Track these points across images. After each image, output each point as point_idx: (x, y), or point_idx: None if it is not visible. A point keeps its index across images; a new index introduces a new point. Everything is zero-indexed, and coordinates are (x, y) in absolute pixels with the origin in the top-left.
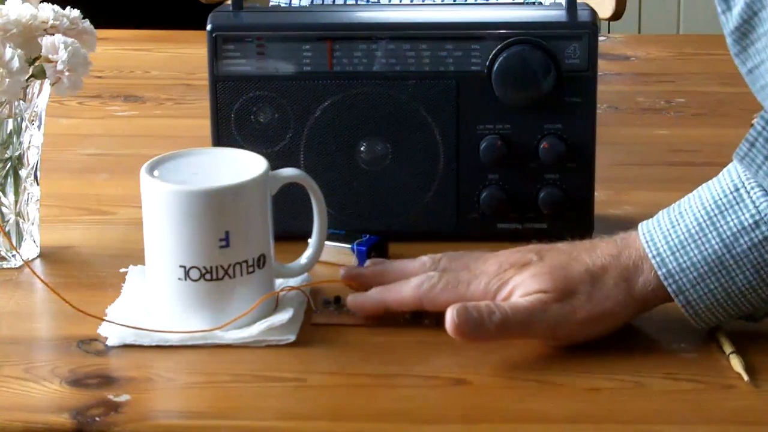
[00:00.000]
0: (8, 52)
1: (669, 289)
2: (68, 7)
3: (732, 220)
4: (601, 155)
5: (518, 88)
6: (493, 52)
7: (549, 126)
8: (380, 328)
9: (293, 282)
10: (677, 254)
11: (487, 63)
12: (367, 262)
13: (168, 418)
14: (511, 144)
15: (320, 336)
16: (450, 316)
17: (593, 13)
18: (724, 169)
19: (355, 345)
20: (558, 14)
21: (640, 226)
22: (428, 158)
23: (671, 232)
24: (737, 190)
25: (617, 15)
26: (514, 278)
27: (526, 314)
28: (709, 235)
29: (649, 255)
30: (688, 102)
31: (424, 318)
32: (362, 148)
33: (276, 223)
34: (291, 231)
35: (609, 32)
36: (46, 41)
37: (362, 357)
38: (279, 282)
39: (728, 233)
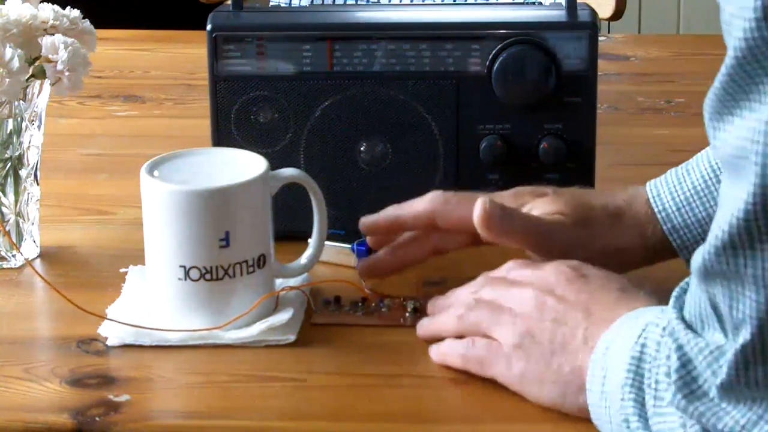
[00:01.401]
0: (8, 52)
1: (674, 244)
2: (68, 7)
3: None
4: (601, 155)
5: (518, 88)
6: (493, 52)
7: (549, 126)
8: (380, 328)
9: (293, 282)
10: (682, 210)
11: (487, 63)
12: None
13: (168, 418)
14: (511, 144)
15: (320, 336)
16: (480, 205)
17: (593, 13)
18: None
19: (355, 345)
20: (558, 14)
21: (647, 183)
22: (428, 158)
23: (677, 189)
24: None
25: (617, 15)
26: (531, 202)
27: (547, 226)
28: (715, 193)
29: (655, 210)
30: (688, 102)
31: (424, 318)
32: (362, 148)
33: (276, 223)
34: (291, 231)
35: (609, 32)
36: (46, 41)
37: (362, 357)
38: (279, 282)
39: None
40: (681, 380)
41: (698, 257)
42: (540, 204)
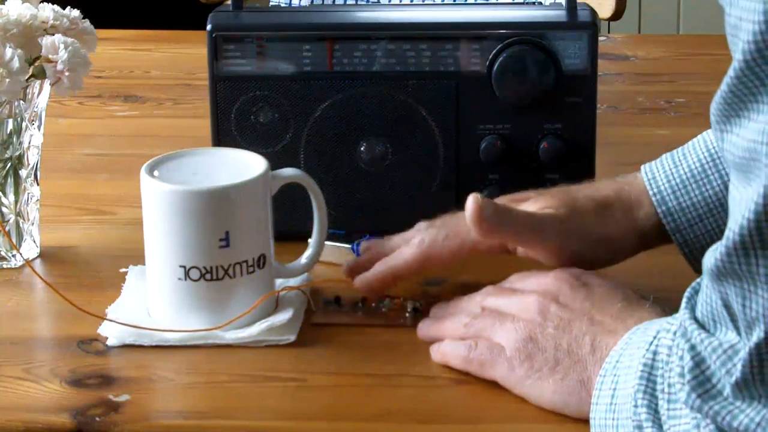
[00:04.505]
0: (8, 52)
1: (667, 227)
2: (68, 7)
3: None
4: (601, 155)
5: (518, 88)
6: (493, 52)
7: (549, 126)
8: (380, 328)
9: (293, 282)
10: (678, 193)
11: (487, 63)
12: (362, 245)
13: (168, 418)
14: (511, 144)
15: (320, 336)
16: (472, 201)
17: (593, 13)
18: None
19: (355, 345)
20: (558, 14)
21: (642, 166)
22: (428, 158)
23: (673, 172)
24: None
25: (617, 15)
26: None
27: (540, 219)
28: (711, 177)
29: (650, 192)
30: (688, 102)
31: (426, 319)
32: (362, 148)
33: (276, 223)
34: (291, 231)
35: (609, 32)
36: (46, 41)
37: (362, 357)
38: (279, 282)
39: None
40: (695, 380)
41: (710, 257)
42: (526, 206)
